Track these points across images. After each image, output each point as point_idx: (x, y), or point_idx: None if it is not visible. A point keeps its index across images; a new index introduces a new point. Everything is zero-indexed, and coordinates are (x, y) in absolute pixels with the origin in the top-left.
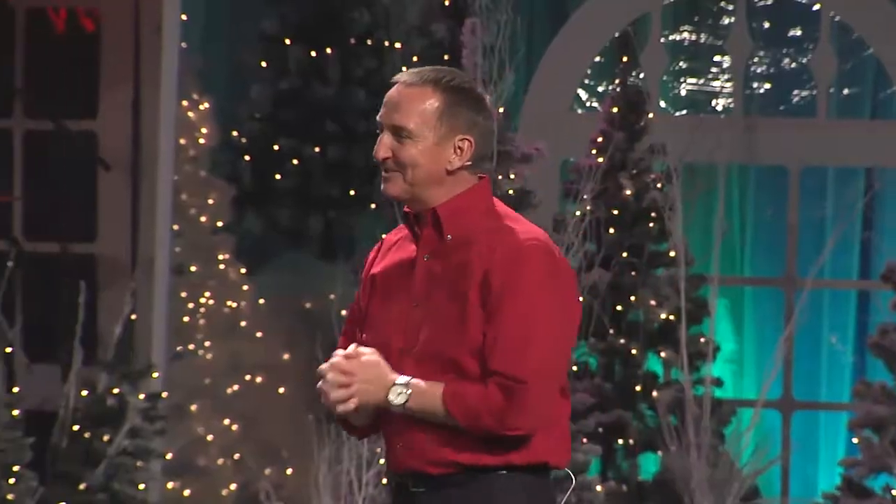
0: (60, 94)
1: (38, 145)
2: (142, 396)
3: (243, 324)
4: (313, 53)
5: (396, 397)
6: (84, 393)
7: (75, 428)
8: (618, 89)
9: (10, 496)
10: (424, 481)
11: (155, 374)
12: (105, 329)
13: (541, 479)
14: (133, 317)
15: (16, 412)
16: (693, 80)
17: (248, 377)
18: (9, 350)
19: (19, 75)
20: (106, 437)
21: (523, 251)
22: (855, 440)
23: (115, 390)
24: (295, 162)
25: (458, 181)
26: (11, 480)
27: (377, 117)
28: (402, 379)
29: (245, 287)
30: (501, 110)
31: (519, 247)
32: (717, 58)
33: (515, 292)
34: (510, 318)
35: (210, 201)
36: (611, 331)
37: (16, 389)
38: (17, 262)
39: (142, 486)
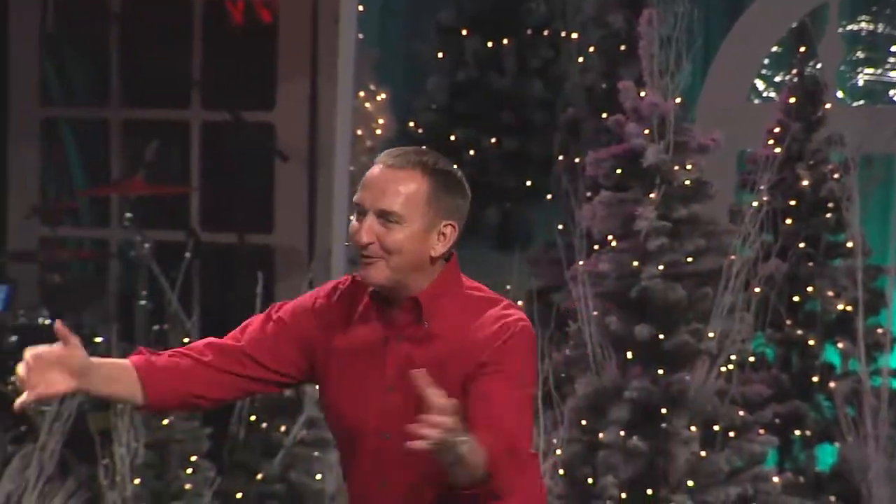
0: (238, 86)
1: (215, 137)
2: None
3: None
4: (490, 44)
5: (462, 445)
6: None
7: (252, 418)
8: (795, 79)
9: (187, 486)
10: None
11: None
12: None
13: None
14: None
15: None
16: (870, 71)
17: None
18: (186, 340)
19: (197, 67)
20: (283, 428)
21: (513, 336)
22: None
23: None
24: (471, 153)
25: (436, 266)
26: (189, 471)
27: (355, 199)
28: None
29: None
30: (678, 101)
31: (510, 331)
32: (894, 48)
33: (505, 374)
34: (504, 399)
35: None
36: (787, 322)
37: None
38: (194, 253)
39: (318, 476)
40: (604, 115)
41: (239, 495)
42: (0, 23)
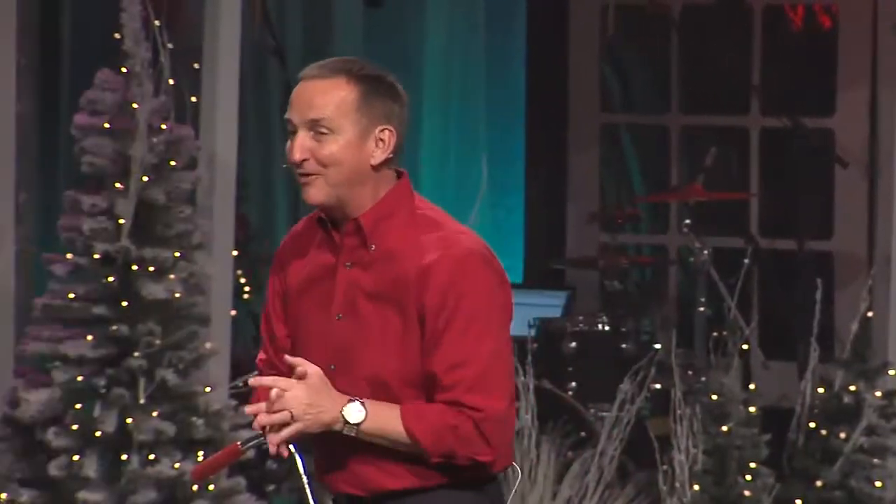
0: (797, 92)
1: (774, 143)
2: (878, 394)
3: None
4: None
5: (354, 415)
6: (820, 390)
7: (811, 425)
8: None
9: (746, 493)
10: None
11: (892, 372)
12: (841, 326)
13: (487, 489)
14: (869, 314)
15: (752, 409)
16: None
17: None
18: (745, 347)
19: (756, 73)
20: (842, 435)
21: (464, 264)
22: None
23: (852, 388)
24: None
25: (381, 179)
26: (748, 477)
27: (285, 118)
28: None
29: None
30: None
31: (459, 259)
32: None
33: (464, 313)
34: (465, 343)
35: None
36: None
37: (752, 386)
38: (753, 259)
39: (879, 484)
40: None
41: (798, 502)
42: (561, 29)
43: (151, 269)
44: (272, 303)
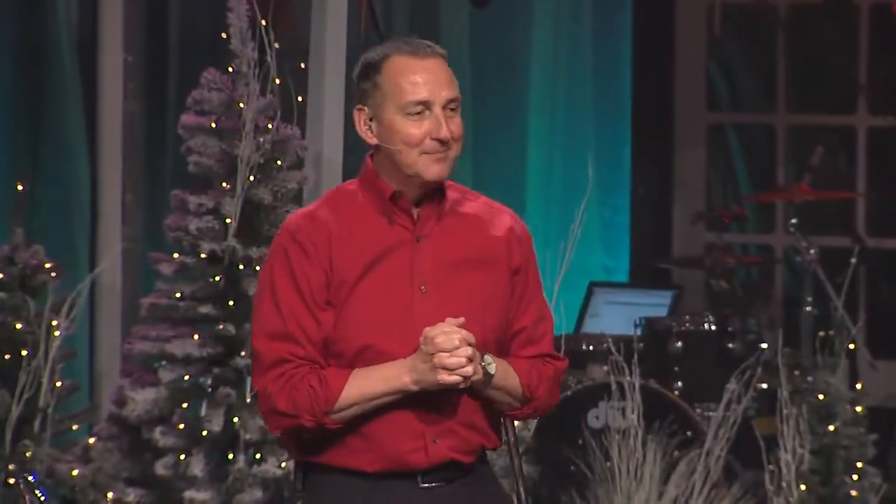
0: None
1: (881, 142)
2: None
3: None
4: None
5: (491, 366)
6: None
7: None
8: None
9: (853, 493)
10: (449, 473)
11: None
12: None
13: None
14: None
15: (859, 409)
16: None
17: None
18: (852, 346)
19: (863, 72)
20: None
21: (526, 229)
22: None
23: None
24: None
25: None
26: (855, 477)
27: (417, 99)
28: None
29: None
30: None
31: (523, 226)
32: None
33: (535, 269)
34: (542, 298)
35: None
36: None
37: (859, 386)
38: (860, 258)
39: None
40: None
41: None
42: (667, 28)
43: (257, 268)
44: (309, 296)
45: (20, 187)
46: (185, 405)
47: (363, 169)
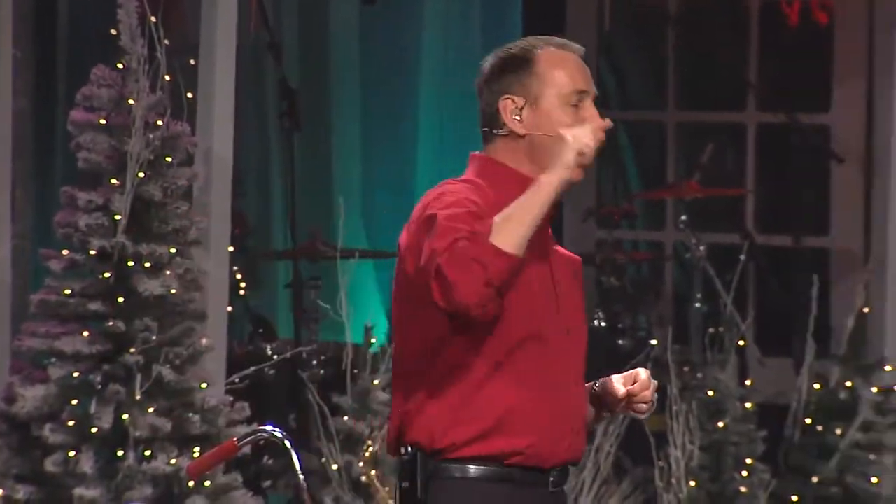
0: (793, 88)
1: (770, 139)
2: (874, 390)
3: None
4: None
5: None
6: (816, 386)
7: (807, 421)
8: None
9: (742, 488)
10: (565, 473)
11: (888, 368)
12: (838, 322)
13: None
14: (865, 310)
15: (748, 405)
16: None
17: None
18: (741, 343)
19: (753, 69)
20: (838, 431)
21: None
22: None
23: (848, 384)
24: None
25: None
26: (744, 473)
27: (583, 88)
28: None
29: None
30: None
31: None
32: None
33: None
34: None
35: None
36: None
37: (748, 383)
38: (749, 255)
39: (874, 480)
40: None
41: (794, 498)
42: (557, 24)
43: (147, 265)
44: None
45: None
46: (74, 402)
47: (479, 168)
